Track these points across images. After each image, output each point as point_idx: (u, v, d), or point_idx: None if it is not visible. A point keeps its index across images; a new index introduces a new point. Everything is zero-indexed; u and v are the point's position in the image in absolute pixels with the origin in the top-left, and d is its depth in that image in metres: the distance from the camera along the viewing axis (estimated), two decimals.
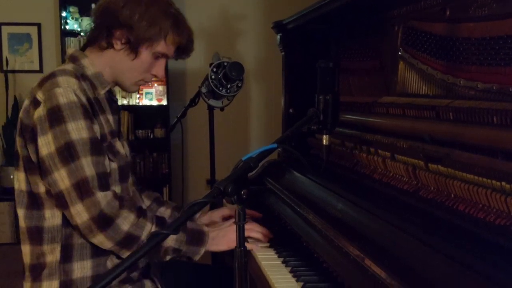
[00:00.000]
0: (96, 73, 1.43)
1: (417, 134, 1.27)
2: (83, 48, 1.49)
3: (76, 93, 1.32)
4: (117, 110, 1.54)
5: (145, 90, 4.10)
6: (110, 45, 1.41)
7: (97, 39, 1.43)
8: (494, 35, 1.05)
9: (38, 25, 4.15)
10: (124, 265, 0.84)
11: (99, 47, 1.43)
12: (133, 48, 1.40)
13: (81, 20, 4.04)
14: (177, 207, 1.72)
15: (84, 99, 1.34)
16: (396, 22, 1.45)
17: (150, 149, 4.16)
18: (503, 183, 0.94)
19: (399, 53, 1.42)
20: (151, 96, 4.14)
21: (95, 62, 1.44)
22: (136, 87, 1.50)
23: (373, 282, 1.01)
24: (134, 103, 4.14)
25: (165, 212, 1.70)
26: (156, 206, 1.70)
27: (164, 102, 4.13)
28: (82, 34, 3.94)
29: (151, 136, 4.17)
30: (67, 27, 4.04)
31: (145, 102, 4.15)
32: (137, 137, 4.15)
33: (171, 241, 1.39)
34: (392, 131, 1.39)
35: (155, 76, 1.49)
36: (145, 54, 1.42)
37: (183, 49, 1.49)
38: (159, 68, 1.47)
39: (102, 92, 1.44)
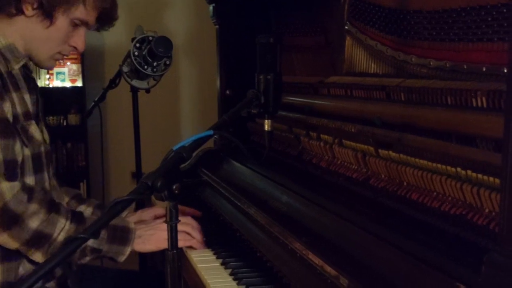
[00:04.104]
0: (8, 45, 1.39)
1: (366, 117, 1.30)
2: None
3: None
4: (35, 88, 1.50)
5: (56, 69, 3.96)
6: (20, 11, 1.36)
7: (4, 4, 1.37)
8: (447, 7, 1.09)
9: None
10: (38, 274, 0.83)
11: (7, 14, 1.37)
12: (47, 13, 1.36)
13: None
14: (100, 205, 1.69)
15: None
16: None
17: (64, 139, 4.04)
18: (458, 169, 0.99)
19: (346, 28, 1.45)
20: (64, 77, 4.01)
21: (6, 32, 1.39)
22: (52, 62, 1.48)
23: (322, 281, 1.03)
24: (43, 85, 3.98)
25: (85, 210, 1.66)
26: (75, 204, 1.67)
27: (79, 84, 4.01)
28: None
29: (64, 123, 4.05)
30: None
31: (57, 83, 4.00)
32: (47, 124, 4.00)
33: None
34: (339, 114, 1.43)
35: (75, 48, 1.46)
36: (61, 21, 1.38)
37: (106, 16, 1.46)
38: (78, 39, 1.44)
39: (16, 66, 1.41)
